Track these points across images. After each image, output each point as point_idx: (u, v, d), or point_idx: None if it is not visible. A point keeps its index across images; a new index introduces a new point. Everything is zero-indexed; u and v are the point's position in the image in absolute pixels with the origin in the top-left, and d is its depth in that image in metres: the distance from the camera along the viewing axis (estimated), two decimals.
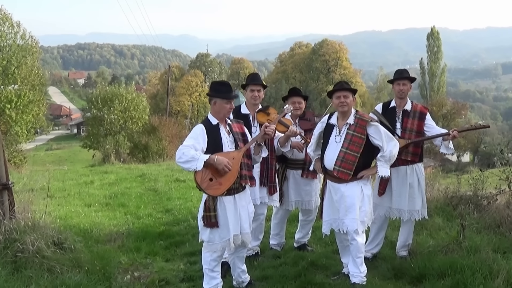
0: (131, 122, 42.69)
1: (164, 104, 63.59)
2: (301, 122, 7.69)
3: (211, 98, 6.21)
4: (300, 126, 7.64)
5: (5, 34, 36.48)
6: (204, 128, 6.08)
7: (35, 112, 37.34)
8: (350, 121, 6.40)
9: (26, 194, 8.79)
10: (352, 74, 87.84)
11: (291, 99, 7.62)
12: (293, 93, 7.72)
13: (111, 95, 43.04)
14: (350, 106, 6.42)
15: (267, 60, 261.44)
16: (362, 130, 6.33)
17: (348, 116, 6.44)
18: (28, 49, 37.45)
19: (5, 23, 36.54)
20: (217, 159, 5.84)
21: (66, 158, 58.12)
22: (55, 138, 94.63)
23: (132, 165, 24.30)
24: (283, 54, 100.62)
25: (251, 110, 7.30)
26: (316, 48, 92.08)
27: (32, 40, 38.15)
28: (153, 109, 61.92)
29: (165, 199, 12.93)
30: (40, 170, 21.46)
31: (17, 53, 36.58)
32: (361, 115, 6.42)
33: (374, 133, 6.31)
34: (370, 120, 6.38)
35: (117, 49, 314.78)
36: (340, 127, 6.46)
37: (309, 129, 7.51)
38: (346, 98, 6.36)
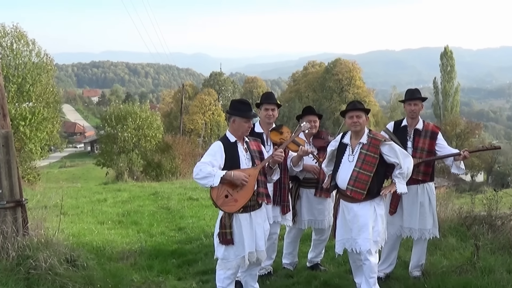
0: (145, 140, 42.85)
1: (177, 123, 63.74)
2: (315, 140, 7.69)
3: (230, 115, 6.25)
4: (313, 144, 7.65)
5: (20, 51, 36.73)
6: (222, 145, 6.11)
7: (49, 130, 37.53)
8: (363, 140, 6.40)
9: (39, 211, 8.83)
10: (365, 93, 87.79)
11: (306, 118, 7.59)
12: (308, 112, 7.72)
13: (124, 113, 43.28)
14: (362, 126, 6.41)
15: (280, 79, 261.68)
16: (375, 149, 6.32)
17: (361, 135, 6.43)
18: (43, 67, 37.68)
19: (20, 40, 36.81)
20: (234, 174, 5.89)
21: (79, 175, 58.26)
22: (68, 156, 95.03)
23: (145, 183, 24.29)
24: (297, 73, 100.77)
25: (265, 129, 7.30)
26: (329, 67, 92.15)
27: (47, 58, 38.40)
28: (166, 128, 62.11)
29: (178, 217, 12.92)
30: (54, 187, 21.52)
31: (32, 70, 36.80)
32: (374, 135, 6.42)
33: (388, 152, 6.29)
34: (384, 140, 6.36)
35: (131, 68, 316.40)
36: (353, 147, 6.45)
37: (323, 146, 7.49)
38: (358, 118, 6.36)
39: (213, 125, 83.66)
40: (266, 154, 6.53)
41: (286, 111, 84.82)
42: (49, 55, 38.82)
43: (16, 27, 36.84)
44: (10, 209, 7.37)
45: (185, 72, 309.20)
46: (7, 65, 35.81)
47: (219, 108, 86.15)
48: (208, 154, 6.04)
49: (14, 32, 36.71)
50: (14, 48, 36.44)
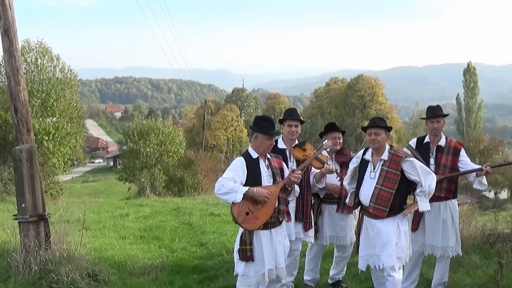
0: (167, 156, 42.99)
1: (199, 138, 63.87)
2: (338, 156, 7.67)
3: (253, 132, 6.24)
4: (336, 160, 7.63)
5: (44, 67, 37.15)
6: (244, 161, 6.10)
7: (73, 145, 37.86)
8: (384, 157, 6.35)
9: (62, 225, 8.87)
10: (388, 110, 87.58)
11: (330, 134, 7.59)
12: (331, 128, 7.70)
13: (147, 128, 43.48)
14: (381, 143, 6.37)
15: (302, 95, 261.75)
16: (397, 166, 6.26)
17: (382, 152, 6.39)
18: (67, 82, 38.09)
19: (44, 56, 37.24)
20: (256, 190, 5.85)
21: (102, 190, 58.52)
22: (91, 171, 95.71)
23: (167, 198, 24.34)
24: (319, 89, 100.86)
25: (287, 145, 7.28)
26: (351, 83, 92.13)
27: (70, 74, 38.82)
28: (189, 143, 62.26)
29: (199, 233, 12.91)
30: (76, 202, 21.63)
31: (56, 86, 37.21)
32: (396, 151, 6.37)
33: (409, 169, 6.23)
34: (405, 156, 6.31)
35: (154, 83, 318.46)
36: (374, 163, 6.42)
37: (345, 162, 7.48)
38: (377, 135, 6.33)
39: (235, 141, 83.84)
40: (287, 171, 6.50)
41: (308, 128, 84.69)
42: (73, 70, 39.27)
43: (40, 42, 37.34)
44: (33, 223, 7.42)
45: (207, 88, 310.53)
46: (32, 80, 36.24)
47: (241, 124, 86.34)
48: (230, 170, 6.02)
49: (38, 47, 37.17)
50: (39, 64, 36.88)
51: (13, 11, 7.83)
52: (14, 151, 7.53)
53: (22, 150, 7.49)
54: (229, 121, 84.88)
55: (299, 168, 6.39)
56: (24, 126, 7.66)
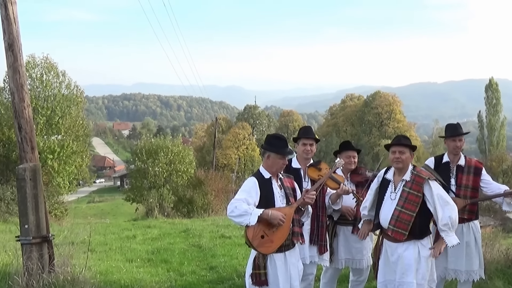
0: (176, 175, 42.99)
1: (210, 157, 63.99)
2: (353, 176, 7.62)
3: (265, 151, 6.20)
4: (351, 180, 7.59)
5: (50, 83, 37.25)
6: (257, 181, 6.05)
7: (78, 163, 37.95)
8: (406, 177, 6.25)
9: (66, 247, 8.86)
10: (406, 128, 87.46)
11: (345, 153, 7.55)
12: (346, 147, 7.66)
13: (156, 147, 43.55)
14: (405, 163, 6.28)
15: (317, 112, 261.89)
16: (419, 188, 6.15)
17: (404, 172, 6.30)
18: (73, 99, 38.22)
19: (50, 72, 37.36)
20: (271, 213, 5.80)
21: (108, 211, 58.62)
22: (97, 190, 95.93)
23: (176, 219, 24.31)
24: (334, 107, 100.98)
25: (302, 164, 7.25)
26: (368, 100, 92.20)
27: (77, 90, 38.94)
28: (199, 162, 62.33)
29: (209, 255, 12.86)
30: (81, 223, 21.66)
31: (62, 102, 37.33)
32: (419, 172, 6.27)
33: (427, 193, 6.12)
34: (428, 178, 6.19)
35: (163, 100, 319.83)
36: (395, 183, 6.34)
37: (361, 182, 7.46)
38: (401, 154, 6.24)
39: (247, 160, 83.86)
40: (299, 191, 6.46)
41: (323, 146, 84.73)
42: (79, 87, 39.39)
43: (46, 58, 37.47)
44: (36, 245, 7.41)
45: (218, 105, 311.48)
46: (36, 97, 36.38)
47: (253, 143, 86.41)
48: (243, 191, 5.97)
49: (44, 63, 37.32)
50: (44, 80, 37.03)
51: (18, 26, 7.88)
52: (18, 170, 7.54)
53: (26, 169, 7.50)
54: (240, 140, 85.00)
55: (313, 188, 6.35)
56: (28, 144, 7.67)
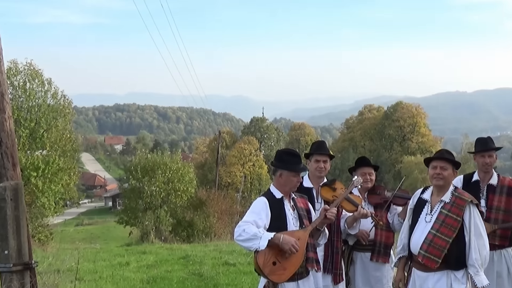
0: (175, 195, 42.96)
1: (212, 175, 63.94)
2: (370, 196, 7.57)
3: (276, 169, 6.17)
4: (368, 200, 7.54)
5: (34, 92, 37.15)
6: (267, 202, 6.01)
7: (65, 182, 37.91)
8: (445, 198, 6.10)
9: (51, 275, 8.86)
10: (431, 143, 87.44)
11: (360, 170, 7.51)
12: (362, 163, 7.62)
13: (152, 164, 43.53)
14: (446, 181, 6.13)
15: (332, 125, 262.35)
16: (459, 211, 6.00)
17: (444, 192, 6.15)
18: (60, 109, 38.21)
19: (34, 80, 37.26)
20: (283, 238, 5.73)
21: (98, 235, 58.64)
22: (86, 212, 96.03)
23: (175, 244, 24.32)
24: (351, 119, 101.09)
25: (314, 183, 7.21)
26: (389, 112, 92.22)
27: (64, 100, 38.93)
28: (200, 181, 62.31)
29: (211, 285, 12.83)
30: (68, 249, 21.66)
31: (47, 114, 37.30)
32: (460, 193, 6.12)
33: (466, 221, 5.95)
34: (471, 201, 6.04)
35: (161, 112, 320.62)
36: (433, 204, 6.17)
37: (379, 203, 7.41)
38: (443, 170, 6.10)
39: (254, 178, 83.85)
40: (314, 213, 6.42)
41: (339, 163, 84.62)
42: (67, 96, 39.38)
43: (30, 64, 37.35)
44: (17, 273, 7.38)
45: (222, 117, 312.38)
46: (19, 108, 36.34)
47: (260, 159, 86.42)
48: (252, 212, 5.93)
49: (27, 70, 37.21)
50: (28, 88, 36.98)
51: None
52: None
53: (7, 187, 7.48)
54: (246, 156, 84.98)
55: (333, 205, 6.33)
56: (9, 160, 7.66)
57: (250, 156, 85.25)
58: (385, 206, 7.16)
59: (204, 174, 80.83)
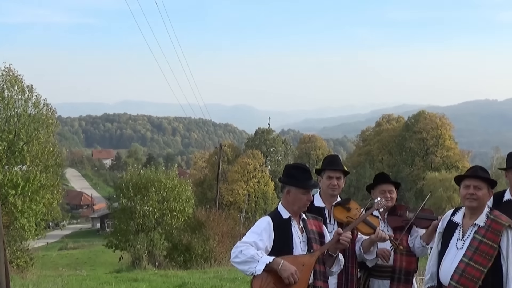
0: (171, 216, 42.88)
1: (212, 193, 63.97)
2: (390, 218, 7.45)
3: (284, 185, 6.12)
4: (388, 222, 7.44)
5: (13, 100, 36.97)
6: (272, 222, 5.95)
7: (48, 201, 37.81)
8: (480, 222, 5.96)
9: None
10: (458, 157, 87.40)
11: (379, 188, 7.43)
12: (381, 180, 7.54)
13: (145, 181, 43.49)
14: (481, 202, 5.98)
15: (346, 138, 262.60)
16: (495, 237, 5.87)
17: (478, 214, 6.01)
18: (42, 120, 38.10)
19: (13, 86, 37.10)
20: (283, 264, 5.63)
21: (85, 260, 58.60)
22: (72, 234, 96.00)
23: (170, 271, 24.33)
24: (367, 131, 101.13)
25: (327, 202, 7.15)
26: (410, 122, 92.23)
27: (47, 109, 38.79)
28: (198, 200, 62.31)
29: None
30: (51, 276, 21.64)
31: (28, 125, 37.17)
32: (497, 216, 5.97)
33: (503, 247, 5.84)
34: (509, 225, 5.91)
35: (155, 122, 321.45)
36: (465, 228, 6.03)
37: (399, 226, 7.30)
38: (477, 189, 5.95)
39: (259, 197, 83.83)
40: (329, 237, 6.36)
41: (354, 180, 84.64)
42: (50, 105, 39.23)
43: (9, 69, 37.19)
44: None
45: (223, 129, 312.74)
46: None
47: (266, 175, 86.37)
48: (253, 232, 5.87)
49: (6, 75, 37.12)
50: (6, 96, 36.85)
51: None
52: None
53: None
54: (250, 172, 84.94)
55: (348, 228, 6.28)
56: None
57: (254, 172, 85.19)
58: (406, 228, 7.10)
59: (203, 192, 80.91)
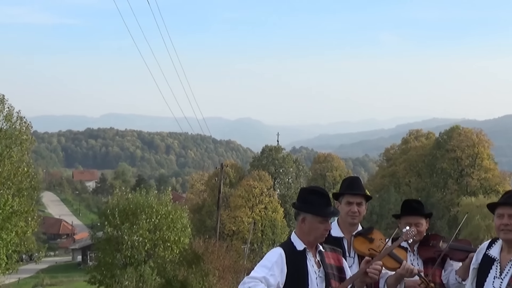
0: (164, 247, 42.89)
1: (212, 221, 64.04)
2: (421, 248, 7.46)
3: (299, 212, 6.08)
4: (419, 253, 7.43)
5: None
6: (284, 254, 5.91)
7: (21, 229, 37.83)
8: None
9: None
10: (497, 180, 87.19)
11: (405, 219, 7.43)
12: (408, 210, 7.53)
13: (134, 206, 43.52)
14: None
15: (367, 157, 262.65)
16: None
17: None
18: (15, 135, 38.20)
19: None
20: None
21: None
22: (48, 269, 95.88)
23: None
24: (392, 149, 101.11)
25: (346, 232, 7.12)
26: (441, 139, 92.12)
27: (21, 123, 38.91)
28: (196, 228, 62.31)
29: None
30: None
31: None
32: None
33: None
34: None
35: (145, 139, 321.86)
36: (503, 264, 5.92)
37: (432, 258, 7.28)
38: None
39: (266, 225, 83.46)
40: (349, 272, 6.35)
41: (377, 206, 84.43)
42: (25, 118, 39.35)
43: None
44: None
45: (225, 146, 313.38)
46: None
47: (274, 200, 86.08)
48: (263, 266, 5.83)
49: None
50: None
51: None
52: None
53: None
54: (256, 196, 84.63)
55: (377, 259, 6.25)
56: None
57: (261, 197, 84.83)
58: (438, 260, 7.07)
59: (201, 220, 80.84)
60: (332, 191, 7.73)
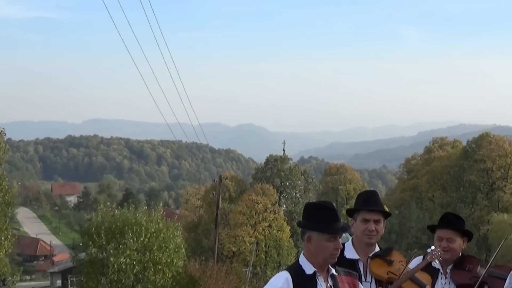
0: (154, 270, 42.89)
1: (210, 241, 64.03)
2: (456, 272, 7.36)
3: (304, 231, 6.06)
4: (452, 278, 7.35)
5: None
6: (291, 279, 5.88)
7: None
8: None
9: None
10: None
11: (438, 232, 7.42)
12: (442, 222, 7.47)
13: (122, 224, 43.52)
14: None
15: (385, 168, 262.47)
16: None
17: None
18: None
19: None
20: None
21: None
22: None
23: None
24: (413, 159, 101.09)
25: (361, 253, 7.11)
26: (469, 148, 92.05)
27: None
28: (191, 249, 62.27)
29: None
30: None
31: None
32: None
33: None
34: None
35: (134, 148, 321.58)
36: None
37: (467, 285, 7.19)
38: None
39: (270, 246, 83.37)
40: None
41: (396, 224, 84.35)
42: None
43: None
44: None
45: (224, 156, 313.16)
46: None
47: (280, 217, 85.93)
48: None
49: None
50: None
51: None
52: None
53: None
54: (260, 212, 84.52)
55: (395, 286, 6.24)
56: None
57: (265, 213, 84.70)
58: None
59: (197, 239, 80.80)
60: (346, 207, 7.70)
